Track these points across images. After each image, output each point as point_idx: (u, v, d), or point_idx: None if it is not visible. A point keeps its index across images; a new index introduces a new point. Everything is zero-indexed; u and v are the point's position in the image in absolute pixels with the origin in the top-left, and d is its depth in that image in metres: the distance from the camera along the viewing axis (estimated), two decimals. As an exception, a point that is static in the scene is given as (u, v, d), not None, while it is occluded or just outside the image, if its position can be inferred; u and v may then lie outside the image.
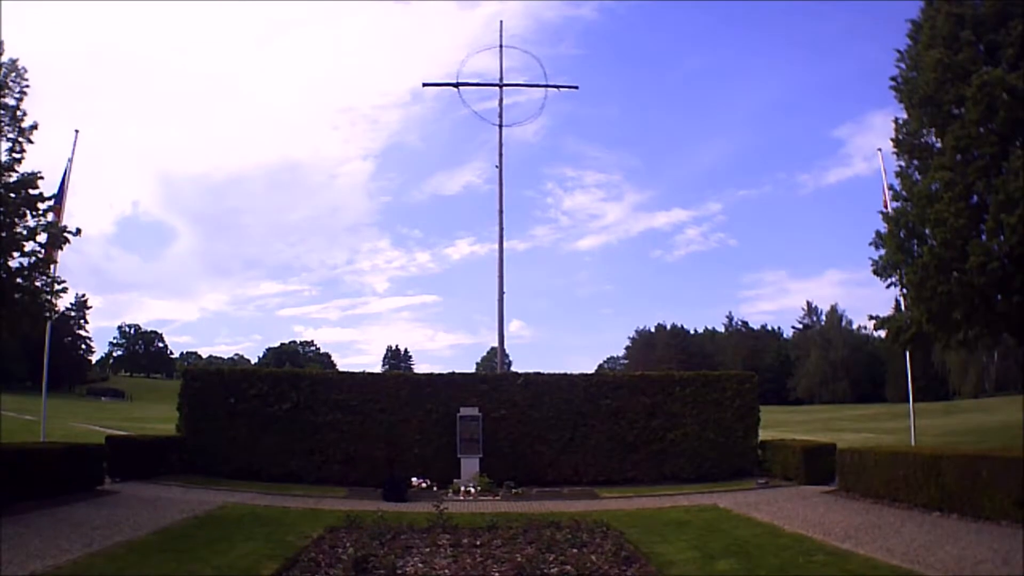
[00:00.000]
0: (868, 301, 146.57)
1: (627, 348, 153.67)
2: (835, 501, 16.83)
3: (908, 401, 23.92)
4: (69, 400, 73.60)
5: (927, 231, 18.78)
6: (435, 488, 20.97)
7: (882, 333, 22.23)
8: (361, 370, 24.20)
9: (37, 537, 11.39)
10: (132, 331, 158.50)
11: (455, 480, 21.13)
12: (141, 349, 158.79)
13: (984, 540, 11.14)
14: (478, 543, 12.62)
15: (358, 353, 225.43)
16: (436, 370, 23.93)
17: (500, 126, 32.67)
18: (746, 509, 16.32)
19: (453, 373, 23.82)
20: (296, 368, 26.43)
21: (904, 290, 20.02)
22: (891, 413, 51.78)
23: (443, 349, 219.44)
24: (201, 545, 11.99)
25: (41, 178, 16.35)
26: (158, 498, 16.68)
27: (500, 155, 32.39)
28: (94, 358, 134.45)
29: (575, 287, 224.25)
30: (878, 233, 20.71)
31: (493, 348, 70.97)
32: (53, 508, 14.13)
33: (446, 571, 10.55)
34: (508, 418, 22.88)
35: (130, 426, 25.13)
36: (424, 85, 38.03)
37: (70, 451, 16.20)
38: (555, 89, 33.83)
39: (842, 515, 14.84)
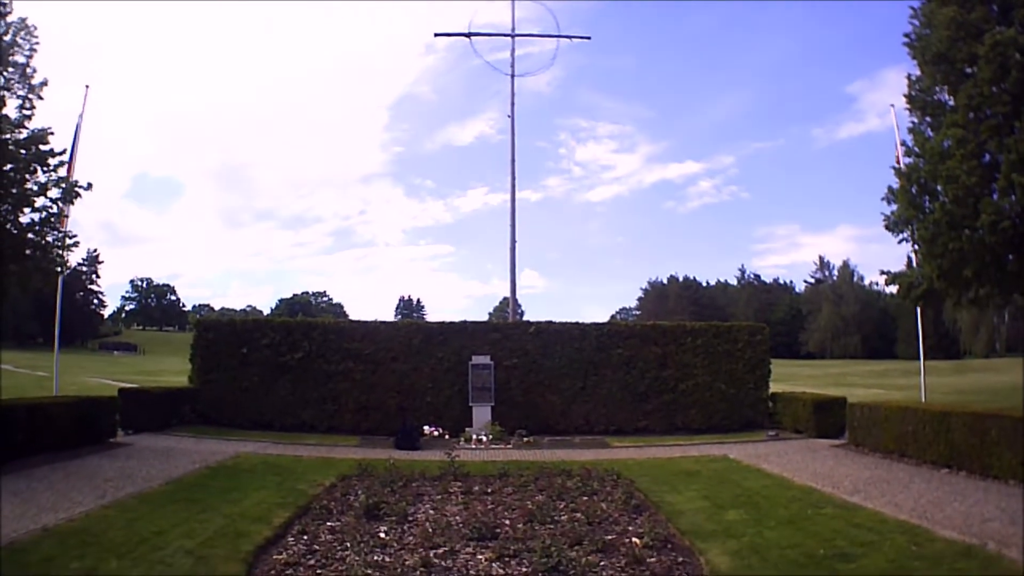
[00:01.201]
0: (880, 257, 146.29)
1: (639, 299, 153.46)
2: (844, 455, 16.76)
3: (919, 358, 23.74)
4: (81, 355, 74.24)
5: (939, 187, 18.79)
6: (447, 436, 21.06)
7: (893, 289, 22.23)
8: (374, 319, 24.10)
9: (49, 491, 11.40)
10: (144, 284, 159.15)
11: (467, 428, 21.20)
12: (153, 302, 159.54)
13: (992, 499, 11.05)
14: (489, 491, 12.66)
15: (371, 303, 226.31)
16: (448, 319, 23.82)
17: (512, 76, 32.25)
18: (756, 461, 16.28)
19: (465, 322, 23.73)
20: (308, 318, 26.39)
21: (916, 246, 20.04)
22: (902, 370, 51.75)
23: (456, 299, 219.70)
24: (213, 495, 12.02)
25: (51, 134, 16.27)
26: (170, 449, 16.76)
27: (512, 105, 32.05)
28: (106, 313, 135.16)
29: (587, 238, 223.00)
30: (890, 188, 20.69)
31: (505, 298, 70.96)
32: (65, 462, 14.16)
33: (457, 518, 10.54)
34: (520, 367, 22.85)
35: (143, 379, 25.29)
36: (436, 35, 37.68)
37: (82, 404, 16.21)
38: (567, 40, 33.30)
39: (851, 469, 14.79)
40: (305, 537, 9.52)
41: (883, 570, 7.88)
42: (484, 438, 20.30)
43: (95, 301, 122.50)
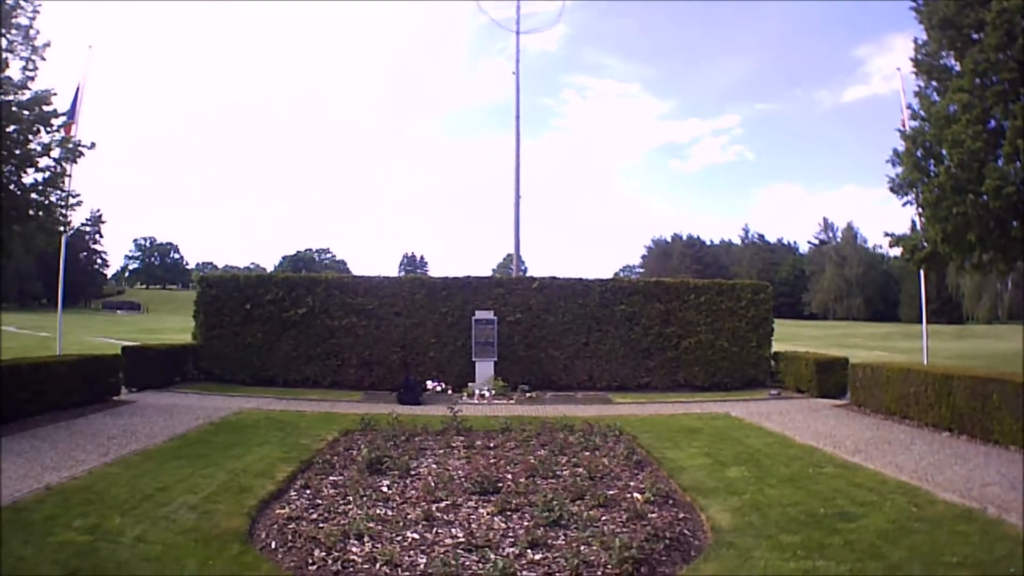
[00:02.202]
0: (884, 222, 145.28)
1: (643, 257, 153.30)
2: (846, 415, 16.76)
3: (921, 322, 23.64)
4: (85, 315, 74.32)
5: (944, 152, 18.59)
6: (450, 392, 21.12)
7: (897, 251, 22.25)
8: (377, 275, 24.01)
9: (53, 450, 11.42)
10: (148, 243, 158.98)
11: (470, 384, 21.26)
12: (157, 261, 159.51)
13: (992, 463, 11.01)
14: (492, 445, 12.69)
15: (375, 260, 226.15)
16: (452, 275, 23.74)
17: (517, 33, 32.06)
18: (758, 419, 16.31)
19: (469, 277, 23.61)
20: (312, 273, 26.38)
21: (920, 209, 19.88)
22: (904, 333, 51.67)
23: (459, 256, 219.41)
24: (217, 450, 12.08)
25: (55, 95, 16.19)
26: (174, 406, 16.82)
27: (517, 62, 31.80)
28: (110, 272, 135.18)
29: (593, 195, 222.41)
30: (895, 151, 20.52)
31: (509, 255, 70.90)
32: (69, 420, 14.17)
33: (459, 472, 10.57)
34: (523, 322, 22.83)
35: (146, 337, 25.35)
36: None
37: (85, 363, 16.20)
38: (572, -1, 33.03)
39: (853, 429, 14.79)
40: (308, 491, 9.56)
41: (884, 530, 7.89)
42: (487, 393, 20.35)
43: (98, 261, 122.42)
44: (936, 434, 13.62)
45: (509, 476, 10.42)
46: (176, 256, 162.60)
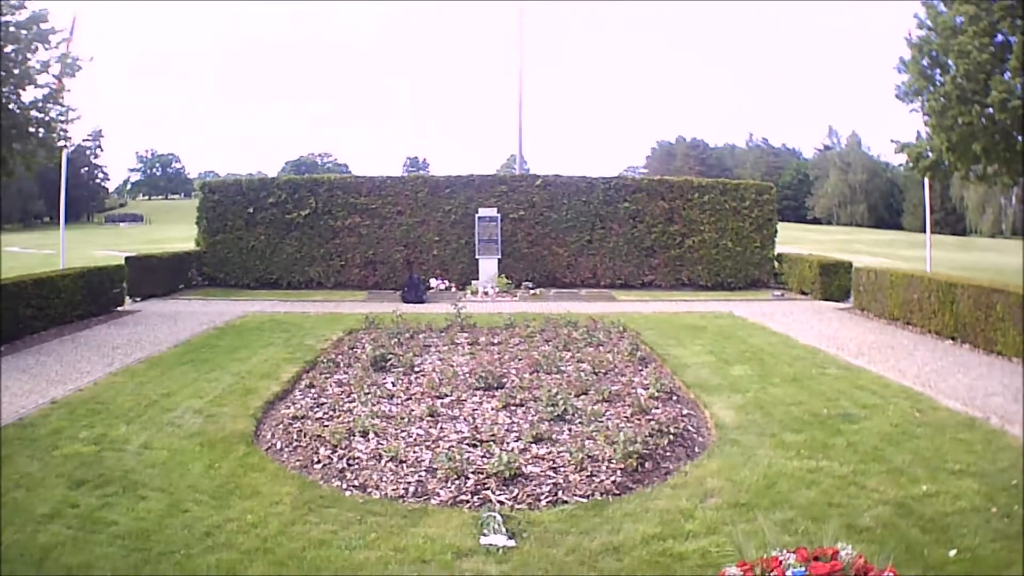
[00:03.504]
0: (889, 131, 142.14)
1: (647, 158, 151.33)
2: (849, 318, 16.68)
3: (925, 231, 23.35)
4: (88, 229, 73.99)
5: (950, 61, 18.54)
6: (454, 289, 21.20)
7: (902, 157, 22.14)
8: (380, 175, 23.76)
9: (58, 364, 11.39)
10: (150, 155, 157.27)
11: (473, 281, 21.26)
12: (159, 172, 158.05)
13: (995, 374, 10.86)
14: (496, 341, 12.70)
15: (377, 164, 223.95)
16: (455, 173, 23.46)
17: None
18: (761, 319, 16.26)
19: (472, 175, 23.34)
20: (314, 175, 26.21)
21: (926, 117, 19.79)
22: (908, 241, 51.10)
23: (462, 157, 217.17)
24: (222, 354, 12.12)
25: (51, 13, 15.83)
26: (178, 313, 16.84)
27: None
28: (111, 186, 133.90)
29: (597, 94, 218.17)
30: (901, 59, 20.48)
31: (512, 155, 69.92)
32: (74, 333, 14.13)
33: (464, 368, 10.58)
34: (527, 219, 22.66)
35: (149, 248, 25.27)
36: None
37: (88, 275, 16.03)
38: None
39: (856, 332, 14.72)
40: (313, 391, 9.59)
41: (886, 433, 7.87)
42: (491, 290, 20.35)
43: (100, 175, 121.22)
44: (939, 341, 13.51)
45: (513, 372, 10.43)
46: (178, 166, 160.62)
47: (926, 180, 22.13)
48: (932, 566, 4.88)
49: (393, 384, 9.79)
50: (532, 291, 20.79)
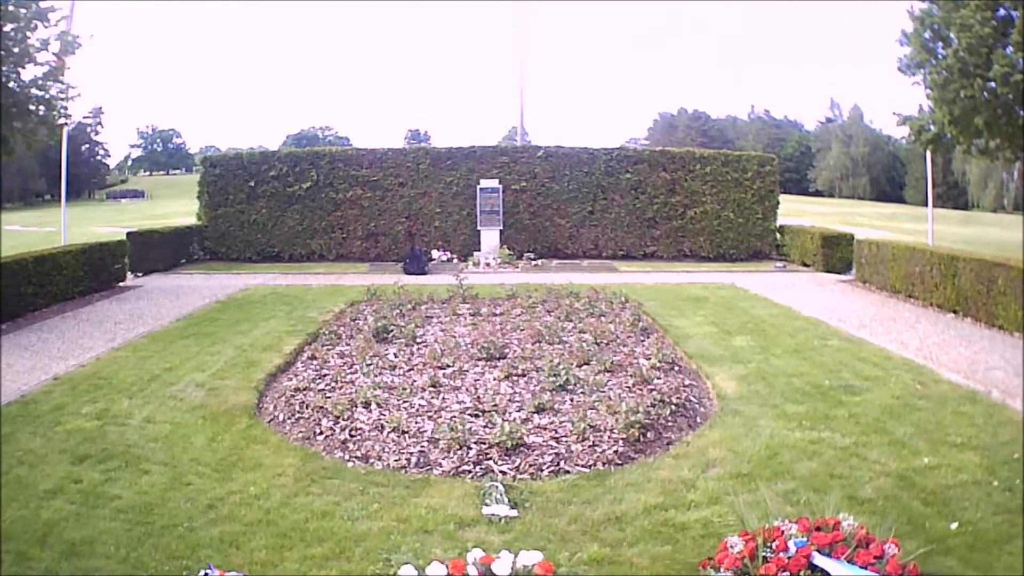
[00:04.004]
0: (891, 105, 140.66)
1: (649, 130, 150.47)
2: (851, 290, 16.62)
3: (927, 204, 23.24)
4: (89, 206, 73.63)
5: (952, 34, 18.46)
6: (455, 261, 21.21)
7: (904, 130, 22.09)
8: (381, 147, 23.68)
9: (60, 340, 11.36)
10: (151, 131, 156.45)
11: (475, 253, 21.25)
12: (160, 148, 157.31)
13: (997, 348, 10.80)
14: (498, 312, 12.69)
15: (378, 136, 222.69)
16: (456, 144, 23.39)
17: None
18: (763, 290, 16.22)
19: (473, 146, 23.27)
20: (315, 147, 26.13)
21: (928, 90, 19.73)
22: (910, 215, 50.75)
23: (463, 130, 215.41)
24: (224, 328, 12.13)
25: None
26: (180, 287, 16.81)
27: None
28: (112, 162, 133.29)
29: (598, 66, 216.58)
30: (904, 32, 20.41)
31: (513, 127, 69.56)
32: (76, 310, 14.06)
33: (466, 339, 10.57)
34: (528, 191, 22.61)
35: (151, 224, 25.17)
36: None
37: (90, 251, 15.93)
38: None
39: (858, 304, 14.68)
40: (315, 363, 9.58)
41: (888, 405, 7.86)
42: (492, 261, 20.33)
43: (101, 152, 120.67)
44: (941, 315, 13.45)
45: (515, 342, 10.43)
46: (179, 142, 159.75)
47: (928, 153, 22.06)
48: (933, 539, 4.87)
49: (395, 355, 9.78)
50: (534, 262, 20.78)
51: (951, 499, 5.56)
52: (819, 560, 4.09)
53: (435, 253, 21.65)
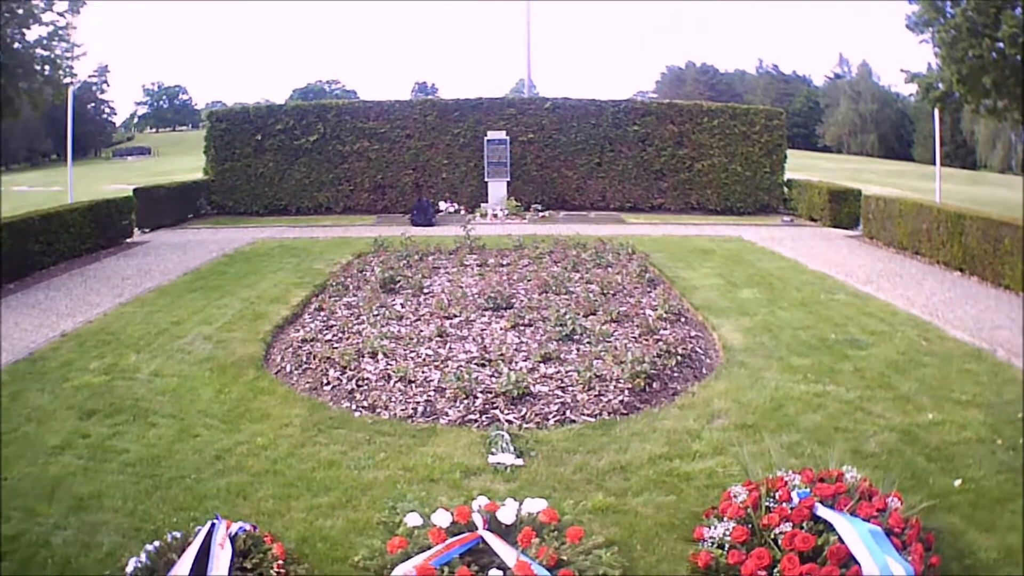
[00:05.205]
0: (900, 62, 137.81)
1: (656, 83, 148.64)
2: (858, 246, 16.42)
3: (935, 163, 22.92)
4: (96, 164, 73.17)
5: None
6: (463, 212, 21.13)
7: (912, 87, 21.87)
8: (388, 99, 23.48)
9: (67, 297, 11.34)
10: (157, 88, 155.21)
11: (483, 204, 21.17)
12: (166, 104, 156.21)
13: (1003, 307, 10.64)
14: (505, 263, 12.68)
15: (385, 89, 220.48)
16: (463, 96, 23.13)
17: None
18: (770, 244, 16.10)
19: (480, 98, 22.99)
20: (322, 100, 25.88)
21: (936, 49, 19.36)
22: (918, 172, 50.02)
23: (470, 82, 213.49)
24: (231, 281, 12.13)
25: None
26: (187, 242, 16.76)
27: None
28: (119, 120, 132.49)
29: (606, 18, 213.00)
30: None
31: (520, 80, 68.97)
32: (83, 267, 14.01)
33: (473, 289, 10.58)
34: (535, 142, 22.41)
35: (158, 180, 25.04)
36: None
37: (96, 208, 15.82)
38: None
39: (864, 260, 14.54)
40: (322, 314, 9.61)
41: (893, 360, 7.82)
42: (500, 213, 20.27)
43: (107, 110, 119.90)
44: (947, 272, 13.30)
45: (522, 292, 10.45)
46: (185, 98, 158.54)
47: (936, 112, 21.78)
48: (936, 494, 4.88)
49: (402, 305, 9.81)
50: (541, 213, 20.69)
51: (955, 456, 5.56)
52: (822, 511, 4.11)
53: (442, 205, 21.56)
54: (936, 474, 5.24)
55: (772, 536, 4.02)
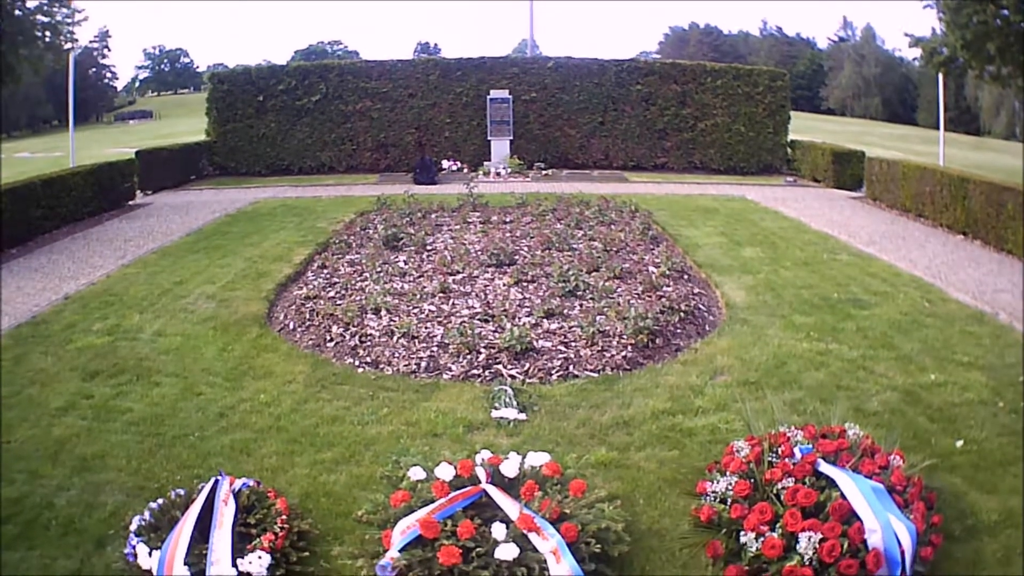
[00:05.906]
0: (904, 26, 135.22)
1: (660, 43, 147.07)
2: (861, 207, 16.29)
3: (939, 127, 22.67)
4: (97, 129, 72.55)
5: None
6: (466, 170, 21.03)
7: (916, 51, 21.44)
8: (390, 59, 23.25)
9: (70, 260, 11.28)
10: (158, 51, 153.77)
11: (486, 162, 21.04)
12: (167, 68, 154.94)
13: (1005, 272, 10.55)
14: (508, 220, 12.63)
15: (387, 50, 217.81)
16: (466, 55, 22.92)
17: None
18: (773, 203, 15.98)
19: (483, 57, 22.75)
20: (324, 60, 25.65)
21: (940, 13, 18.94)
22: (921, 137, 49.39)
23: (473, 42, 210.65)
24: (234, 240, 12.10)
25: None
26: (190, 203, 16.65)
27: None
28: (120, 85, 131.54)
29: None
30: None
31: (523, 40, 68.32)
32: (86, 230, 13.90)
33: (476, 246, 10.56)
34: (538, 101, 22.20)
35: (160, 143, 24.86)
36: None
37: (98, 171, 15.65)
38: None
39: (867, 221, 14.42)
40: (325, 271, 9.61)
41: (896, 321, 7.81)
42: (503, 171, 20.16)
43: (108, 75, 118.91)
44: (950, 235, 13.19)
45: (525, 249, 10.42)
46: (186, 61, 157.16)
47: (940, 76, 21.52)
48: (938, 454, 4.89)
49: (405, 262, 9.78)
50: (544, 172, 20.58)
51: (957, 417, 5.56)
52: (824, 467, 4.11)
53: (445, 163, 21.45)
54: (938, 434, 5.25)
55: (774, 491, 4.02)
